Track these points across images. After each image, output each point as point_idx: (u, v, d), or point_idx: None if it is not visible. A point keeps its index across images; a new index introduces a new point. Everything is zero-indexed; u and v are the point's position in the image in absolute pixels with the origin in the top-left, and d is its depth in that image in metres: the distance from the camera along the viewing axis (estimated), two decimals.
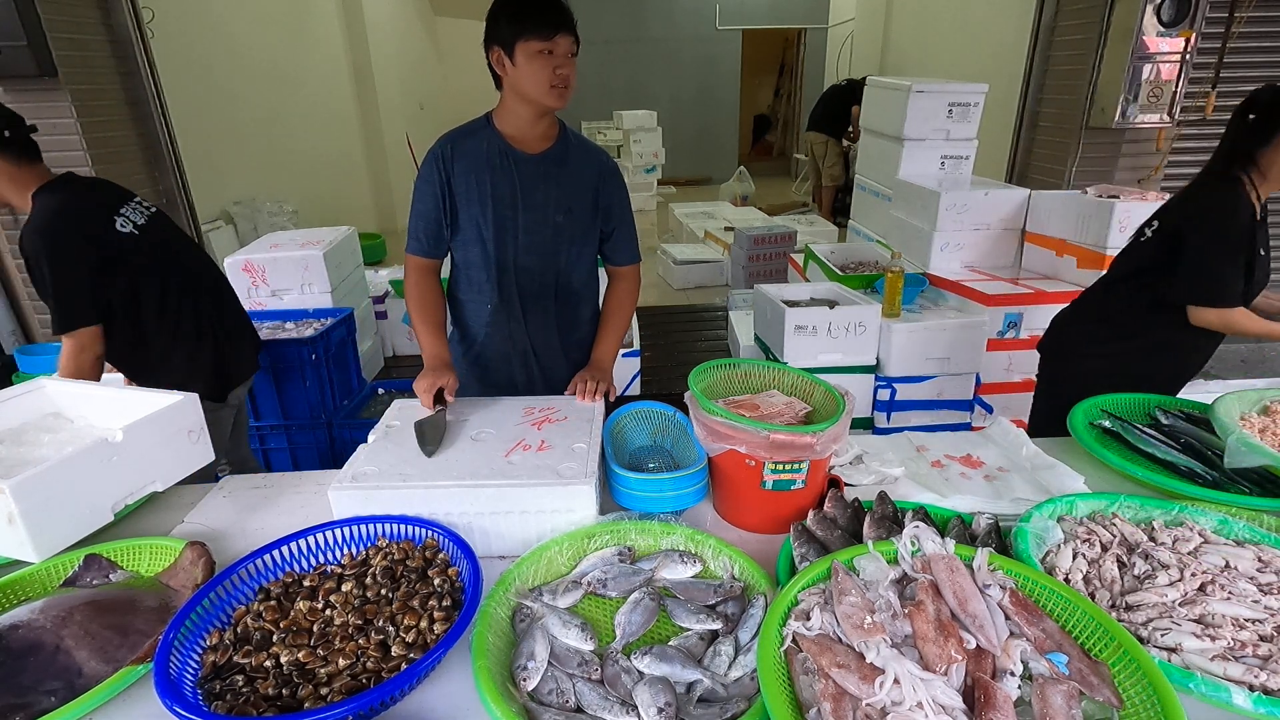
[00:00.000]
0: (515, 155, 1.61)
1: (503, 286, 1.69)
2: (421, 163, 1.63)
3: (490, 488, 1.17)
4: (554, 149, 1.65)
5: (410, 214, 1.65)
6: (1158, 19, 3.65)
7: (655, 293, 5.66)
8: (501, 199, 1.61)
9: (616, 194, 1.75)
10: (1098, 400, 1.68)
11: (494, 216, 1.62)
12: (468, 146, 1.60)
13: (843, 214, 6.53)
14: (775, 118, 13.11)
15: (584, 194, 1.68)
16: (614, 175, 1.74)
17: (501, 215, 1.62)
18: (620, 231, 1.79)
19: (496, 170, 1.60)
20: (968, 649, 0.85)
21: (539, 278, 1.71)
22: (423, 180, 1.61)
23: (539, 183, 1.63)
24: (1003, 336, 3.07)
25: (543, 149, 1.64)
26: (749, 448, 1.18)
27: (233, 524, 1.34)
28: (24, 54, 2.98)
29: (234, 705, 0.87)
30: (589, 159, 1.70)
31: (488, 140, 1.61)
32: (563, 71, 1.51)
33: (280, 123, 5.90)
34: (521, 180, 1.61)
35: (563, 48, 1.49)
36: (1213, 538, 1.14)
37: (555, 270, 1.72)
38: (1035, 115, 4.40)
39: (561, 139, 1.67)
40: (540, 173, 1.62)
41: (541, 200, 1.63)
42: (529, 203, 1.62)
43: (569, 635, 0.99)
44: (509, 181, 1.61)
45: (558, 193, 1.64)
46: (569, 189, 1.66)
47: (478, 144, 1.61)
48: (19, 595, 1.13)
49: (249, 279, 3.37)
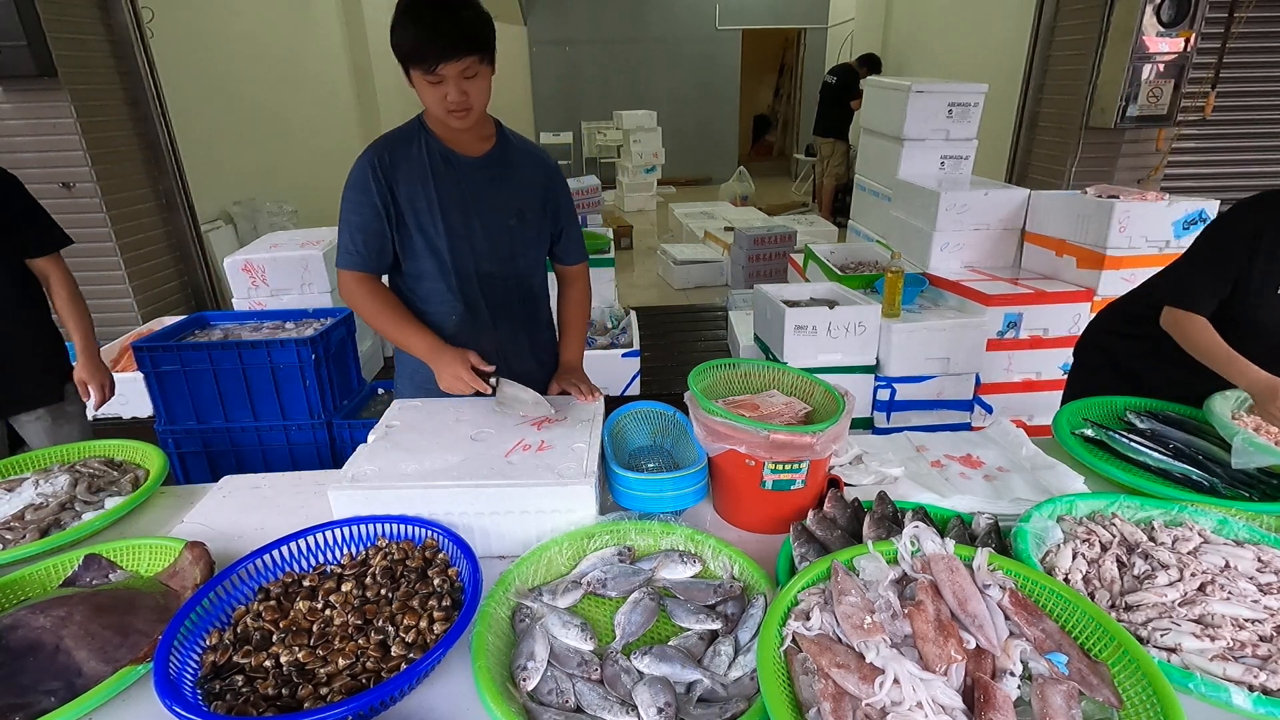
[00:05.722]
0: (458, 159, 1.54)
1: (466, 295, 1.61)
2: (352, 171, 1.50)
3: (490, 488, 1.17)
4: (495, 151, 1.58)
5: (341, 226, 1.52)
6: (1158, 19, 3.66)
7: (655, 293, 5.66)
8: (451, 205, 1.53)
9: (563, 194, 1.71)
10: (1075, 407, 1.68)
11: (445, 224, 1.53)
12: (405, 153, 1.51)
13: (843, 214, 6.53)
14: (775, 118, 13.11)
15: (533, 195, 1.63)
16: (558, 174, 1.70)
17: (453, 224, 1.54)
18: (568, 231, 1.74)
19: (441, 176, 1.52)
20: (968, 649, 0.85)
21: (502, 283, 1.65)
22: (356, 190, 1.49)
23: (486, 187, 1.56)
24: (1003, 336, 3.06)
25: (484, 150, 1.57)
26: (749, 448, 1.18)
27: (233, 524, 1.34)
28: (24, 54, 2.98)
29: (234, 705, 0.87)
30: (532, 160, 1.64)
31: (425, 145, 1.52)
32: (454, 98, 1.39)
33: (280, 122, 5.90)
34: (469, 186, 1.54)
35: (452, 73, 1.37)
36: (1212, 538, 1.14)
37: (516, 275, 1.66)
38: (1035, 115, 4.41)
39: (500, 140, 1.60)
40: (487, 177, 1.56)
41: (491, 205, 1.57)
42: (480, 208, 1.56)
43: (569, 635, 0.99)
44: (455, 188, 1.53)
45: (507, 195, 1.59)
46: (518, 191, 1.60)
47: (416, 150, 1.51)
48: (19, 595, 1.13)
49: (249, 279, 3.37)
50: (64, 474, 1.44)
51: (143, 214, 3.83)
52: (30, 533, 1.29)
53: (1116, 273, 2.90)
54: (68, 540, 1.26)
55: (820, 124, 7.32)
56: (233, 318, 2.78)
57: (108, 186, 3.54)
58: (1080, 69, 3.98)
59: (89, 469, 1.48)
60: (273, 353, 2.47)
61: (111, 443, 1.60)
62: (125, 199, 3.68)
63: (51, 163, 3.42)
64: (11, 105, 3.31)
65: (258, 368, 2.46)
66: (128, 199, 3.70)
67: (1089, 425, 1.58)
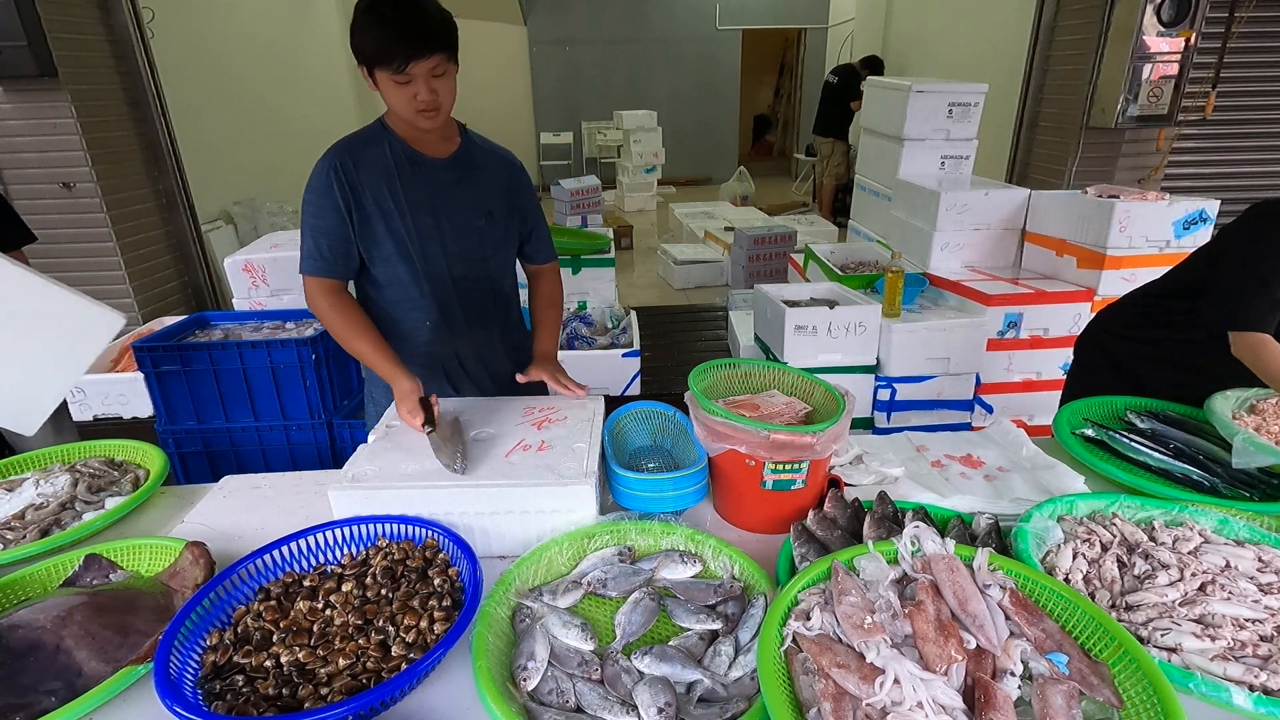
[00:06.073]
0: (423, 160, 1.51)
1: (441, 300, 1.59)
2: (312, 175, 1.47)
3: (490, 488, 1.17)
4: (460, 152, 1.56)
5: (304, 232, 1.49)
6: (1158, 19, 3.66)
7: (655, 293, 5.66)
8: (419, 208, 1.51)
9: (529, 193, 1.69)
10: (1075, 406, 1.68)
11: (415, 227, 1.51)
12: (369, 155, 1.47)
13: (843, 214, 6.53)
14: (775, 118, 13.11)
15: (499, 195, 1.61)
16: (523, 173, 1.68)
17: (423, 226, 1.52)
18: (537, 230, 1.73)
19: (406, 178, 1.49)
20: (968, 649, 0.85)
21: (475, 287, 1.63)
22: (318, 194, 1.46)
23: (453, 188, 1.54)
24: (1003, 336, 3.06)
25: (449, 152, 1.55)
26: (749, 448, 1.18)
27: (233, 524, 1.34)
28: (24, 54, 2.98)
29: (234, 705, 0.87)
30: (496, 160, 1.62)
31: (389, 147, 1.49)
32: (424, 97, 1.37)
33: (281, 122, 5.90)
34: (436, 187, 1.52)
35: (421, 72, 1.35)
36: (1213, 537, 1.14)
37: (488, 276, 1.65)
38: (1035, 115, 4.41)
39: (465, 140, 1.58)
40: (454, 178, 1.54)
41: (461, 206, 1.55)
42: (448, 210, 1.54)
43: (569, 635, 0.99)
44: (423, 189, 1.51)
45: (475, 196, 1.57)
46: (484, 192, 1.58)
47: (379, 152, 1.48)
48: (19, 595, 1.13)
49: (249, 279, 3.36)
50: (64, 474, 1.44)
51: (143, 214, 3.83)
52: (30, 533, 1.29)
53: (1117, 273, 2.90)
54: (68, 540, 1.26)
55: (820, 123, 7.32)
56: (233, 318, 2.78)
57: (108, 186, 3.54)
58: (1080, 69, 3.98)
59: (89, 469, 1.49)
60: (273, 353, 2.47)
61: (112, 443, 1.60)
62: (125, 199, 3.68)
63: (51, 163, 3.42)
64: (11, 105, 3.31)
65: (258, 368, 2.46)
66: (128, 199, 3.70)
67: (1089, 425, 1.58)
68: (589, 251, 3.96)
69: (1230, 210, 2.26)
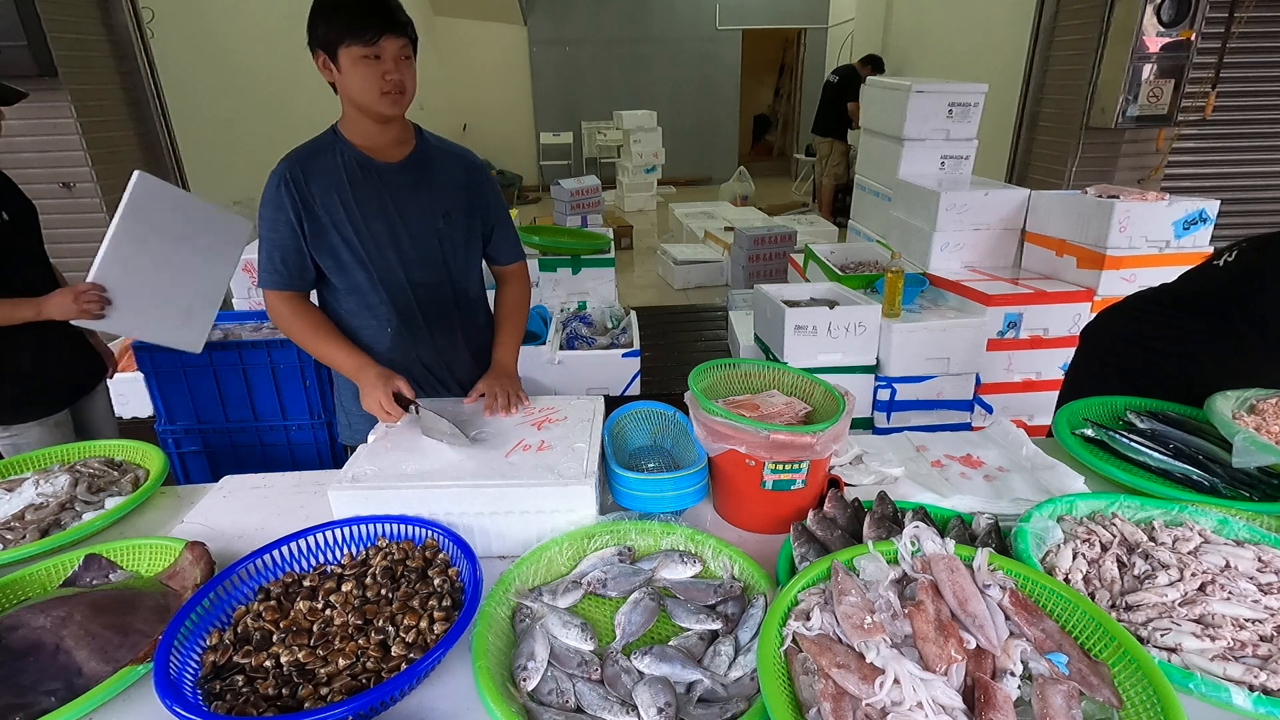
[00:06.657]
0: (376, 166, 1.50)
1: (400, 307, 1.58)
2: (265, 188, 1.47)
3: (490, 488, 1.17)
4: (414, 154, 1.54)
5: (260, 245, 1.50)
6: (1158, 19, 3.66)
7: (655, 293, 5.66)
8: (372, 215, 1.50)
9: (490, 191, 1.66)
10: (1075, 407, 1.68)
11: (370, 235, 1.50)
12: (320, 165, 1.47)
13: (843, 214, 6.53)
14: (775, 118, 13.11)
15: (457, 196, 1.58)
16: (483, 172, 1.66)
17: (377, 232, 1.51)
18: (500, 230, 1.70)
19: (359, 185, 1.48)
20: (968, 649, 0.85)
21: (436, 292, 1.61)
22: (271, 208, 1.46)
23: (409, 192, 1.52)
24: (1003, 336, 3.06)
25: (403, 155, 1.53)
26: (749, 448, 1.18)
27: (233, 524, 1.34)
28: (24, 54, 2.97)
29: (234, 705, 0.87)
30: (453, 159, 1.61)
31: (341, 154, 1.48)
32: (393, 77, 1.37)
33: (281, 122, 5.89)
34: (390, 192, 1.51)
35: (391, 51, 1.36)
36: (1213, 537, 1.14)
37: (450, 280, 1.63)
38: (1035, 115, 4.41)
39: (420, 143, 1.57)
40: (408, 181, 1.52)
41: (416, 210, 1.53)
42: (405, 215, 1.52)
43: (569, 635, 0.99)
44: (376, 195, 1.50)
45: (430, 198, 1.55)
46: (441, 193, 1.56)
47: (330, 161, 1.47)
48: (19, 595, 1.13)
49: (249, 279, 3.36)
50: (64, 474, 1.44)
51: None
52: (30, 533, 1.29)
53: (1117, 273, 2.90)
54: (68, 540, 1.26)
55: (819, 123, 7.32)
56: (233, 318, 2.78)
57: (108, 186, 3.54)
58: (1080, 69, 3.98)
59: (89, 469, 1.48)
60: (273, 353, 2.47)
61: (111, 443, 1.60)
62: None
63: (51, 163, 3.41)
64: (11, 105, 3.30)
65: (258, 368, 2.47)
66: None
67: (1089, 425, 1.58)
68: (589, 251, 3.96)
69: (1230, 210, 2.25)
